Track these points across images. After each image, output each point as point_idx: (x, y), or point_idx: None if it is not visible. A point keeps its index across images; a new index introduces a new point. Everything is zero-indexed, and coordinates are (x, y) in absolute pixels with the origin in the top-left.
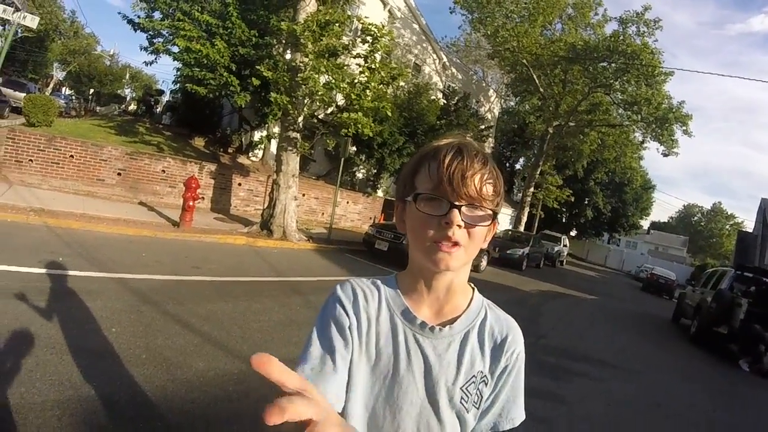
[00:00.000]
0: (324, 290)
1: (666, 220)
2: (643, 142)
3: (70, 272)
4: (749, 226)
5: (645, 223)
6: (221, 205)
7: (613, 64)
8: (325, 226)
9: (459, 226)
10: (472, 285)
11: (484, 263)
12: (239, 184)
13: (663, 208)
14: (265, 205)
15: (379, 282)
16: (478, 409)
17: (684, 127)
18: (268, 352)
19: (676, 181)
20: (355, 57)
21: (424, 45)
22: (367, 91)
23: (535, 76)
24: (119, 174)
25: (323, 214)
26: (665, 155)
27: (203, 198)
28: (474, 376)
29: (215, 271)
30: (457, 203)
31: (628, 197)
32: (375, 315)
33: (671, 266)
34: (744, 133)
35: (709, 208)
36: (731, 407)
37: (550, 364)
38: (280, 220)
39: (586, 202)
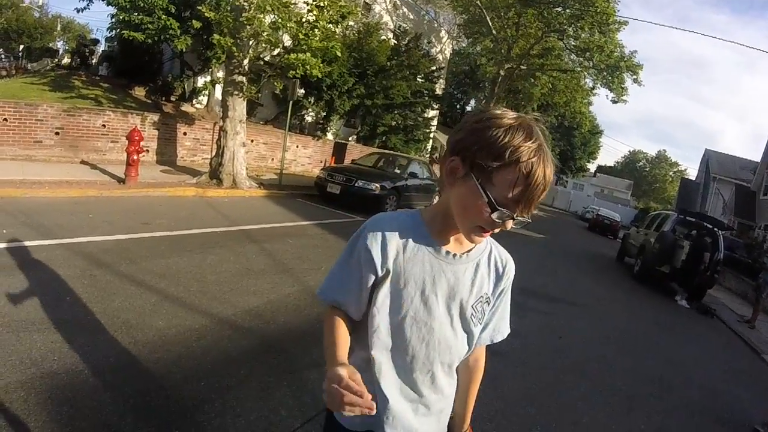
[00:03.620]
0: (278, 236)
1: (612, 165)
2: (593, 88)
3: (15, 244)
4: (692, 174)
5: (592, 167)
6: (167, 157)
7: (567, 10)
8: (275, 171)
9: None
10: None
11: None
12: (184, 134)
13: (609, 152)
14: (213, 154)
15: (405, 217)
16: (481, 324)
17: (634, 76)
18: (227, 303)
19: (624, 127)
20: None
21: None
22: (315, 30)
23: (488, 18)
24: (57, 133)
25: (273, 159)
26: (614, 102)
27: (147, 151)
28: (482, 296)
29: (166, 226)
30: (516, 216)
31: (576, 141)
32: (403, 245)
33: (616, 208)
34: (690, 87)
35: (654, 155)
36: (674, 338)
37: None
38: (229, 167)
39: None
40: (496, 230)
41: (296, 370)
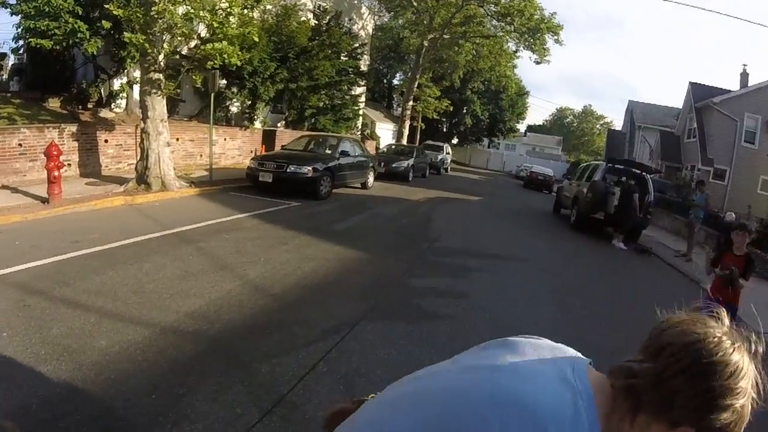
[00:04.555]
0: (214, 234)
1: (541, 123)
2: (516, 51)
3: None
4: (617, 125)
5: (522, 127)
6: (91, 168)
7: None
8: (205, 168)
9: None
10: None
11: (371, 180)
12: (106, 141)
13: (538, 111)
14: (138, 158)
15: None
16: None
17: (555, 37)
18: (168, 309)
19: (549, 86)
20: None
21: None
22: (231, 17)
23: None
24: None
25: (201, 155)
26: (537, 63)
27: (69, 164)
28: None
29: (98, 241)
30: None
31: (504, 104)
32: None
33: (548, 164)
34: (610, 42)
35: (580, 110)
36: (616, 279)
37: (446, 264)
38: (156, 170)
39: (464, 111)
40: None
41: (246, 365)
